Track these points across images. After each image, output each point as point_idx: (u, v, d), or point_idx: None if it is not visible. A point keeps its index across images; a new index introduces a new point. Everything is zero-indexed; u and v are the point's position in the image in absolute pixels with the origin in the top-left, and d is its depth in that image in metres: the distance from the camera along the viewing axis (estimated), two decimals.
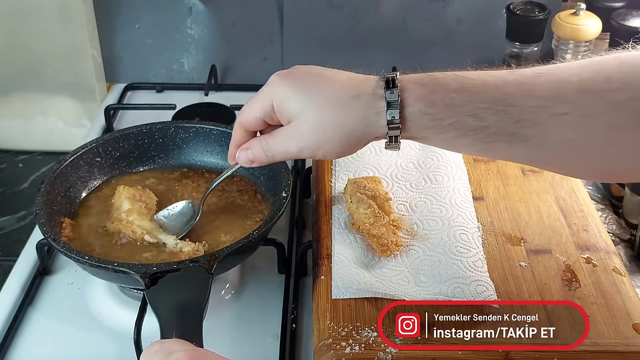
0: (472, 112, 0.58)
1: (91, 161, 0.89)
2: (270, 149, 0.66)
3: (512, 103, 0.58)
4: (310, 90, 0.62)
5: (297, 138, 0.63)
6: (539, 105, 0.57)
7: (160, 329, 0.62)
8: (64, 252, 0.73)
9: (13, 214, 1.10)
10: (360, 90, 0.61)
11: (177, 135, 0.93)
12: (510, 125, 0.58)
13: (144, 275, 0.68)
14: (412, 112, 0.59)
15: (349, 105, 0.61)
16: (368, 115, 0.61)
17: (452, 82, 0.59)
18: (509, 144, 0.59)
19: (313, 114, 0.62)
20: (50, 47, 1.19)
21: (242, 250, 0.74)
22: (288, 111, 0.63)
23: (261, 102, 0.65)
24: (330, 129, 0.62)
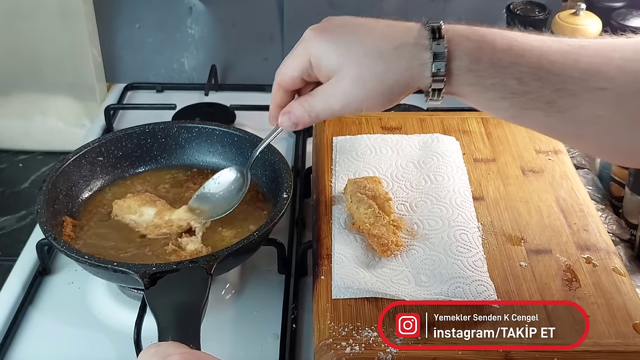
0: (517, 75, 0.57)
1: (93, 160, 0.89)
2: (312, 109, 0.63)
3: (556, 71, 0.57)
4: (348, 43, 0.59)
5: (338, 95, 0.61)
6: (580, 77, 0.56)
7: (158, 330, 0.62)
8: (64, 251, 0.73)
9: (13, 213, 1.10)
10: (401, 40, 0.58)
11: (179, 135, 0.93)
12: (550, 93, 0.57)
13: (144, 275, 0.68)
14: (457, 66, 0.57)
15: (390, 57, 0.58)
16: (412, 67, 0.58)
17: (499, 41, 0.57)
18: (545, 113, 0.58)
19: (353, 68, 0.59)
20: (50, 47, 1.19)
21: (242, 251, 0.74)
22: (327, 67, 0.60)
23: (298, 60, 0.62)
24: (371, 83, 0.59)
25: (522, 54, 0.57)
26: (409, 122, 0.99)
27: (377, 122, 0.99)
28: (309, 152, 1.03)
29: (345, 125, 0.98)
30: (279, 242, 0.84)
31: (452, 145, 0.93)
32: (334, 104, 0.61)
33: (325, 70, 0.61)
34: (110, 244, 0.81)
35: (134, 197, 0.85)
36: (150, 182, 0.91)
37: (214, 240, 0.81)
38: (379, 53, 0.58)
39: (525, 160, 0.92)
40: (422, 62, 0.58)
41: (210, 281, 0.69)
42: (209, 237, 0.82)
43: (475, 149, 0.94)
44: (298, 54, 0.62)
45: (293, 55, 0.63)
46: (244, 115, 1.15)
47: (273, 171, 0.87)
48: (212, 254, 0.72)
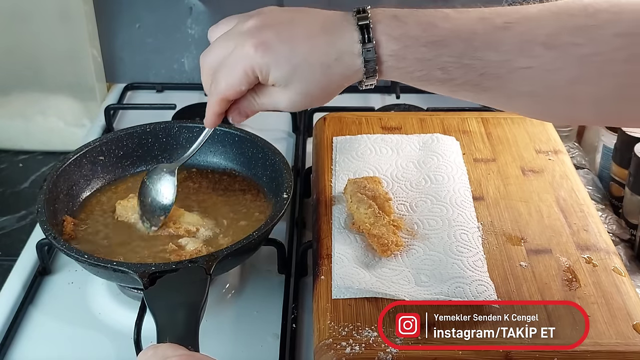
0: (440, 66, 0.60)
1: (94, 160, 0.89)
2: (259, 104, 0.68)
3: (478, 57, 0.59)
4: (292, 60, 0.62)
5: (285, 100, 0.65)
6: (503, 59, 0.59)
7: (157, 330, 0.62)
8: (64, 250, 0.73)
9: (13, 213, 1.10)
10: (340, 50, 0.62)
11: (180, 135, 0.92)
12: (475, 77, 0.60)
13: (143, 274, 0.68)
14: (386, 67, 0.62)
15: (332, 69, 0.62)
16: (349, 74, 0.63)
17: (423, 34, 0.60)
18: (474, 93, 0.62)
19: (299, 84, 0.63)
20: (50, 47, 1.20)
21: (242, 251, 0.74)
22: (274, 80, 0.64)
23: (244, 74, 0.64)
24: (316, 92, 0.64)
25: (446, 44, 0.60)
26: (409, 122, 0.99)
27: (377, 122, 0.99)
28: (309, 152, 1.03)
29: (345, 125, 0.98)
30: (279, 242, 0.84)
31: (452, 145, 0.93)
32: (280, 104, 0.66)
33: (272, 82, 0.64)
34: (110, 244, 0.81)
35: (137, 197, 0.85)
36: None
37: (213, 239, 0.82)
38: (323, 69, 0.62)
39: (525, 160, 0.92)
40: (357, 68, 0.62)
41: (210, 281, 0.69)
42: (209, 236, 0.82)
43: (475, 149, 0.94)
44: (242, 69, 0.64)
45: (235, 70, 0.65)
46: None
47: (273, 171, 0.87)
48: (211, 254, 0.72)
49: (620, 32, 0.57)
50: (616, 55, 0.57)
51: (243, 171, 0.92)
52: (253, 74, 0.64)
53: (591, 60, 0.57)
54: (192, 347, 0.59)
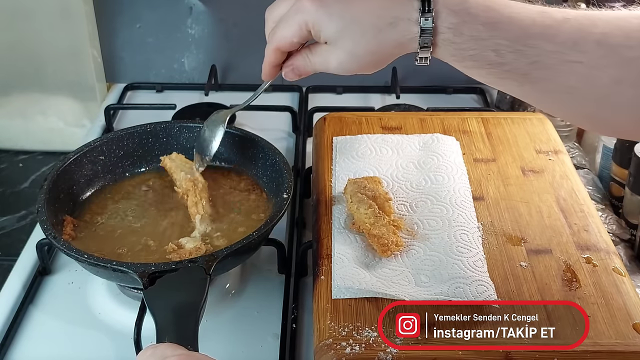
0: (494, 47, 0.60)
1: (95, 159, 0.89)
2: (312, 63, 0.68)
3: (532, 44, 0.60)
4: (345, 18, 0.63)
5: (334, 60, 0.66)
6: (556, 50, 0.59)
7: (157, 330, 0.62)
8: (64, 250, 0.74)
9: (13, 213, 1.10)
10: (395, 16, 0.62)
11: (181, 134, 0.93)
12: (525, 65, 0.60)
13: (142, 274, 0.68)
14: (441, 39, 0.62)
15: (384, 33, 0.62)
16: (403, 41, 0.63)
17: (483, 14, 0.60)
18: (519, 83, 0.62)
19: (349, 43, 0.64)
20: (50, 46, 1.20)
21: (242, 251, 0.74)
22: (325, 37, 0.65)
23: (297, 28, 0.66)
24: (365, 57, 0.64)
25: (502, 27, 0.60)
26: (409, 122, 0.99)
27: (377, 122, 0.99)
28: (309, 152, 1.03)
29: (345, 125, 0.98)
30: (279, 242, 0.84)
31: (452, 145, 0.93)
32: (330, 64, 0.67)
33: (324, 38, 0.65)
34: (110, 243, 0.81)
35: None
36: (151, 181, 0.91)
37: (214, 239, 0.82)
38: (375, 29, 0.63)
39: (525, 160, 0.92)
40: (412, 37, 0.62)
41: (209, 281, 0.69)
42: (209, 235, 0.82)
43: (476, 149, 0.94)
44: (297, 22, 0.66)
45: (290, 23, 0.66)
46: (244, 115, 1.14)
47: (274, 171, 0.87)
48: (211, 254, 0.72)
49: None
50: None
51: (243, 171, 0.92)
52: (306, 27, 0.65)
53: (636, 63, 0.58)
54: (191, 347, 0.59)
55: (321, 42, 0.66)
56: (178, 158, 0.90)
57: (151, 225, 0.84)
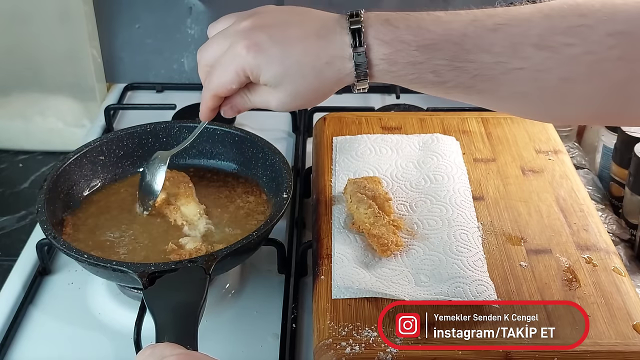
0: (432, 69, 0.61)
1: (95, 160, 0.89)
2: (251, 102, 0.69)
3: (471, 59, 0.60)
4: (284, 63, 0.63)
5: (275, 100, 0.66)
6: (495, 61, 0.59)
7: (156, 330, 0.62)
8: (64, 250, 0.74)
9: (13, 213, 1.10)
10: (331, 55, 0.63)
11: (181, 135, 0.92)
12: (468, 80, 0.60)
13: (142, 274, 0.68)
14: (377, 70, 0.62)
15: (323, 73, 0.63)
16: (340, 77, 0.63)
17: (414, 38, 0.61)
18: (466, 94, 0.63)
19: (290, 85, 0.64)
20: (50, 47, 1.19)
21: (241, 251, 0.74)
22: (264, 80, 0.65)
23: (235, 74, 0.65)
24: (306, 94, 0.65)
25: (437, 47, 0.60)
26: (409, 122, 0.99)
27: (377, 122, 0.99)
28: (309, 152, 1.03)
29: (345, 125, 0.98)
30: (279, 242, 0.84)
31: (452, 145, 0.93)
32: (271, 103, 0.67)
33: (264, 82, 0.65)
34: (110, 243, 0.81)
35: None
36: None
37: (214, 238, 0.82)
38: (313, 72, 0.63)
39: (525, 160, 0.92)
40: (348, 72, 0.63)
41: (209, 281, 0.69)
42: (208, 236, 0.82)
43: (475, 149, 0.94)
44: (234, 69, 0.65)
45: (227, 69, 0.66)
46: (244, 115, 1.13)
47: (273, 171, 0.87)
48: (210, 253, 0.72)
49: (613, 31, 0.57)
50: (609, 54, 0.57)
51: (243, 171, 0.92)
52: (244, 74, 0.65)
53: (583, 59, 0.58)
54: (190, 346, 0.59)
55: (259, 84, 0.66)
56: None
57: (151, 225, 0.84)
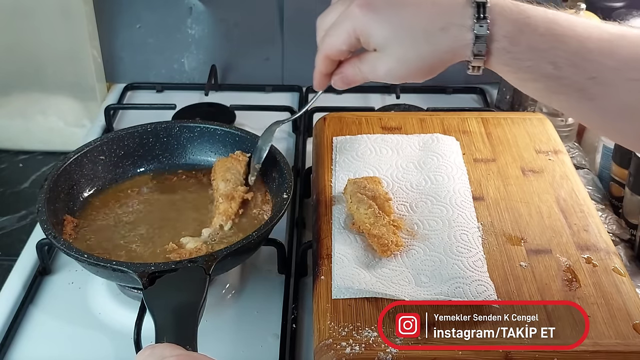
0: (552, 60, 0.58)
1: (95, 159, 0.89)
2: (361, 72, 0.67)
3: (592, 59, 0.58)
4: (395, 23, 0.61)
5: (383, 66, 0.64)
6: (615, 66, 0.57)
7: (156, 330, 0.62)
8: (64, 250, 0.74)
9: (13, 213, 1.10)
10: (448, 21, 0.60)
11: (181, 134, 0.93)
12: (584, 80, 0.58)
13: (142, 274, 0.68)
14: (497, 48, 0.59)
15: (435, 38, 0.60)
16: (455, 47, 0.60)
17: (541, 24, 0.59)
18: (575, 100, 0.59)
19: (399, 49, 0.62)
20: (50, 47, 1.20)
21: (241, 251, 0.74)
22: (374, 44, 0.63)
23: (346, 35, 0.64)
24: (416, 62, 0.62)
25: (562, 40, 0.58)
26: (409, 122, 0.99)
27: (377, 122, 0.99)
28: (309, 152, 1.03)
29: (345, 125, 0.98)
30: (279, 242, 0.84)
31: (452, 145, 0.93)
32: (379, 71, 0.65)
33: (374, 45, 0.63)
34: (111, 243, 0.81)
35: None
36: (151, 181, 0.91)
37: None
38: (426, 34, 0.60)
39: (525, 161, 0.92)
40: (465, 43, 0.59)
41: (209, 281, 0.69)
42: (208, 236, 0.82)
43: (475, 149, 0.94)
44: (345, 29, 0.64)
45: (339, 30, 0.64)
46: (244, 115, 1.15)
47: (274, 171, 0.87)
48: (210, 254, 0.72)
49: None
50: None
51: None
52: (355, 33, 0.63)
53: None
54: (190, 347, 0.59)
55: (370, 50, 0.64)
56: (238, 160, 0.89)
57: (151, 225, 0.84)
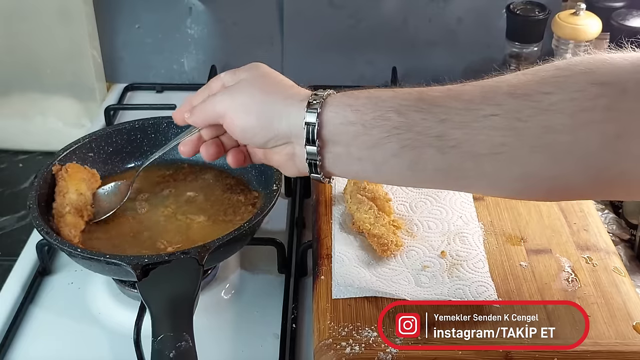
0: (395, 107, 0.56)
1: (84, 156, 0.89)
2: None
3: (437, 103, 0.56)
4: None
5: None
6: (465, 107, 0.55)
7: (152, 320, 0.62)
8: (57, 244, 0.74)
9: (13, 213, 1.10)
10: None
11: (169, 130, 0.92)
12: (436, 124, 0.55)
13: (135, 266, 0.69)
14: (330, 113, 0.59)
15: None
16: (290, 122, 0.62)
17: (377, 90, 0.59)
18: (440, 149, 0.55)
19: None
20: (50, 47, 1.19)
21: (233, 241, 0.74)
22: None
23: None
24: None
25: (400, 94, 0.58)
26: None
27: None
28: None
29: None
30: (279, 242, 0.84)
31: None
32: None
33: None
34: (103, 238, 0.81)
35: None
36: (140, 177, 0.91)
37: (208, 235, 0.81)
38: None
39: None
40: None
41: (202, 272, 0.69)
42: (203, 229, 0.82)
43: None
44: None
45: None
46: None
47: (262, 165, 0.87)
48: (203, 244, 0.72)
49: (596, 81, 0.52)
50: (595, 102, 0.52)
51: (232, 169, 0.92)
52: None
53: (565, 107, 0.52)
54: (187, 334, 0.59)
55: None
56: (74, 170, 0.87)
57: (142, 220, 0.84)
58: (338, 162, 0.61)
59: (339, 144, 0.59)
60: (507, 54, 1.15)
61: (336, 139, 0.59)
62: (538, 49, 1.13)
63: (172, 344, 0.60)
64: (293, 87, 0.65)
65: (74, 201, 0.82)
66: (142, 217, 0.85)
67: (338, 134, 0.59)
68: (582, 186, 0.56)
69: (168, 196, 0.88)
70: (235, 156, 0.71)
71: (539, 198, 0.68)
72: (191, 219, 0.84)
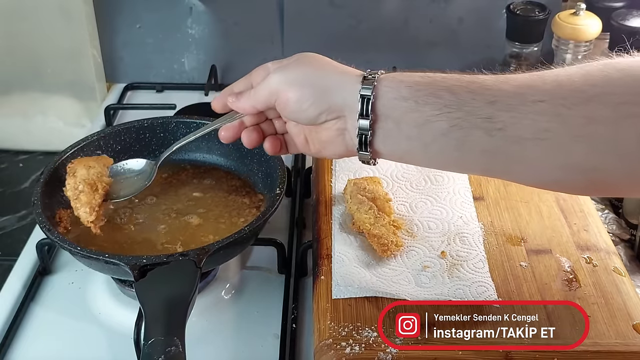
0: (448, 86, 0.58)
1: (92, 154, 0.89)
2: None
3: (487, 86, 0.57)
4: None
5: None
6: (514, 91, 0.56)
7: (145, 322, 0.62)
8: (58, 242, 0.74)
9: (14, 213, 1.10)
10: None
11: (178, 130, 0.93)
12: (486, 105, 0.56)
13: (134, 267, 0.69)
14: (386, 90, 0.60)
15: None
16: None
17: (429, 73, 0.60)
18: (487, 131, 0.57)
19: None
20: (50, 46, 1.19)
21: (233, 244, 0.74)
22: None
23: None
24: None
25: (450, 77, 0.59)
26: None
27: None
28: None
29: None
30: (279, 242, 0.84)
31: None
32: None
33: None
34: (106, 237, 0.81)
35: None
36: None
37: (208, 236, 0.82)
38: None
39: None
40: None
41: (200, 274, 0.69)
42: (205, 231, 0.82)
43: None
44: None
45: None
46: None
47: (268, 167, 0.87)
48: (202, 247, 0.72)
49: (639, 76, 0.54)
50: (637, 97, 0.53)
51: (238, 167, 0.92)
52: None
53: (607, 99, 0.54)
54: (178, 338, 0.59)
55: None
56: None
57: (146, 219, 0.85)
58: (388, 139, 0.62)
59: (391, 119, 0.61)
60: (507, 54, 1.15)
61: (389, 112, 0.60)
62: (538, 49, 1.13)
63: (162, 348, 0.60)
64: (345, 66, 0.66)
65: (85, 175, 0.80)
66: (145, 217, 0.85)
67: (391, 108, 0.60)
68: (620, 181, 0.57)
69: (172, 196, 0.88)
70: (272, 143, 0.71)
71: (578, 190, 0.68)
72: (194, 220, 0.84)
